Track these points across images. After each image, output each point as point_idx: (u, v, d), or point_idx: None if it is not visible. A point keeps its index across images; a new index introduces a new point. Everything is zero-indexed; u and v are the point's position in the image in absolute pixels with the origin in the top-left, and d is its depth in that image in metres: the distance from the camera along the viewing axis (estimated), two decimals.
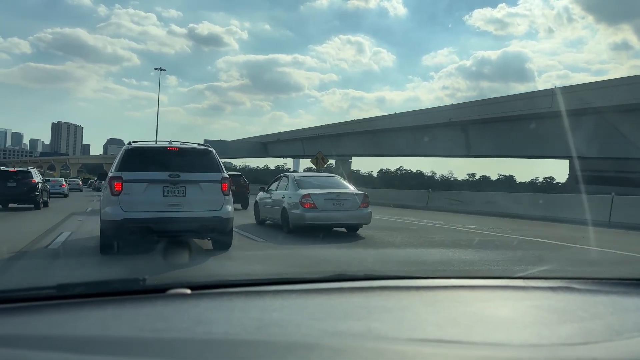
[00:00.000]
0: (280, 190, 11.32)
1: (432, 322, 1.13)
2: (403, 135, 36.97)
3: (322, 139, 46.78)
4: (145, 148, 7.59)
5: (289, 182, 11.10)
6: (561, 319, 1.19)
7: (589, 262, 7.69)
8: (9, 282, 5.52)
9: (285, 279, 1.49)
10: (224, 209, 7.33)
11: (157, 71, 52.68)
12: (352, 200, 10.35)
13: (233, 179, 18.77)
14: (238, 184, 19.22)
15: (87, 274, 5.97)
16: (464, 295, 1.40)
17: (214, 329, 1.03)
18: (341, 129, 45.84)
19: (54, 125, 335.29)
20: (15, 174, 18.13)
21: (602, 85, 23.78)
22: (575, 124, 23.02)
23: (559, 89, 25.21)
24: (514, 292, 1.46)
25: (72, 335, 0.98)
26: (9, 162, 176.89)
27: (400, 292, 1.37)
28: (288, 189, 10.86)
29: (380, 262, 7.33)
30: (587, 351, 0.94)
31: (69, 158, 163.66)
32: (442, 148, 34.67)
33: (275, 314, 1.13)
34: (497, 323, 1.17)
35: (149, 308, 1.16)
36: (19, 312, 1.10)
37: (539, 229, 12.46)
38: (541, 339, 1.02)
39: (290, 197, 10.51)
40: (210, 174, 7.39)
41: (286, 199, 10.60)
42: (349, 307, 1.23)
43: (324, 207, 10.04)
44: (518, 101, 27.83)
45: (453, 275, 1.63)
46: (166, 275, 5.37)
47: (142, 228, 6.95)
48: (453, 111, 32.69)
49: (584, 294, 1.41)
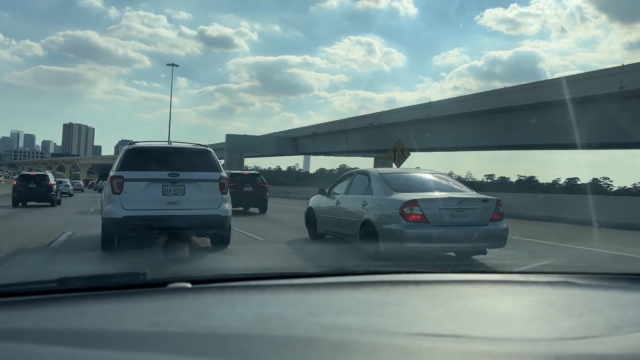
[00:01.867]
0: (357, 194, 8.02)
1: (431, 317, 1.13)
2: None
3: (375, 130, 38.44)
4: (145, 148, 7.77)
5: (372, 181, 7.69)
6: (561, 313, 1.19)
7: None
8: (10, 276, 5.54)
9: (285, 273, 1.49)
10: (222, 207, 7.51)
11: (168, 73, 53.02)
12: (480, 209, 6.81)
13: (250, 178, 17.75)
14: (255, 184, 17.60)
15: (88, 268, 6.00)
16: (463, 290, 1.40)
17: (214, 322, 1.03)
18: (400, 116, 36.01)
19: (65, 127, 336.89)
20: (35, 177, 21.62)
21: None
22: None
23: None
24: (513, 286, 1.46)
25: (73, 329, 0.98)
26: (18, 163, 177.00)
27: (400, 287, 1.37)
28: (373, 192, 7.50)
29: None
30: (587, 346, 0.94)
31: (78, 158, 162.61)
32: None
33: (275, 309, 1.14)
34: (496, 318, 1.17)
35: (149, 302, 1.16)
36: (19, 306, 1.10)
37: None
38: (541, 334, 1.02)
39: (380, 204, 7.16)
40: (209, 173, 7.62)
41: (371, 207, 7.30)
42: (348, 301, 1.23)
43: (440, 220, 6.60)
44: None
45: (452, 270, 1.63)
46: (167, 269, 5.39)
47: (142, 225, 7.13)
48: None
49: (583, 288, 1.41)
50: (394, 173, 8.18)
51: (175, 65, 53.15)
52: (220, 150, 66.15)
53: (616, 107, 22.32)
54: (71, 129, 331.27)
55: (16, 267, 6.10)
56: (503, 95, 28.12)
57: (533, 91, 26.08)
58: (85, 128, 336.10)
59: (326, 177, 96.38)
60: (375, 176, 7.74)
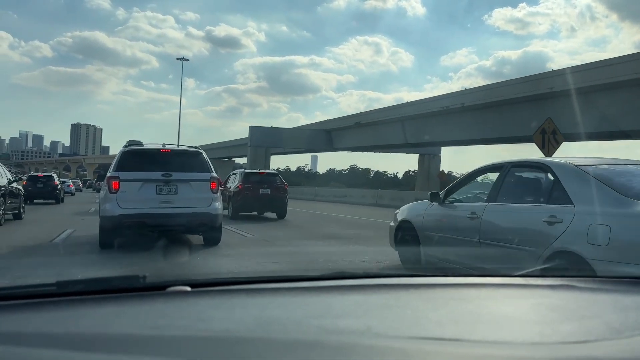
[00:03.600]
0: (520, 201, 4.93)
1: (432, 320, 1.13)
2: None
3: (455, 116, 30.09)
4: (140, 150, 8.24)
5: (566, 179, 4.36)
6: (561, 317, 1.19)
7: None
8: (9, 278, 5.53)
9: (285, 276, 1.49)
10: (212, 206, 7.95)
11: (176, 74, 52.84)
12: None
13: (267, 179, 15.99)
14: (274, 185, 15.71)
15: (87, 271, 6.00)
16: (463, 293, 1.40)
17: (214, 326, 1.03)
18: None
19: (73, 127, 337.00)
20: (42, 178, 24.38)
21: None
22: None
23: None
24: (514, 290, 1.46)
25: (72, 332, 0.97)
26: (24, 162, 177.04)
27: (400, 290, 1.36)
28: (572, 198, 4.19)
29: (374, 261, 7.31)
30: (588, 350, 0.94)
31: (85, 158, 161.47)
32: None
33: (275, 312, 1.13)
34: (497, 321, 1.17)
35: (149, 305, 1.16)
36: (18, 309, 1.10)
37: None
38: (542, 338, 1.02)
39: (604, 220, 3.86)
40: (200, 173, 8.10)
41: (574, 227, 4.02)
42: (349, 305, 1.23)
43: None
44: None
45: (452, 273, 1.63)
46: (166, 272, 5.36)
47: (137, 223, 7.53)
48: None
49: (584, 292, 1.41)
50: (605, 165, 4.51)
51: (185, 59, 50.64)
52: (238, 148, 61.71)
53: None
54: (79, 129, 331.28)
55: (15, 269, 6.10)
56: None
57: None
58: (93, 128, 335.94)
59: (336, 177, 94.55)
60: (572, 171, 4.40)
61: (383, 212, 17.55)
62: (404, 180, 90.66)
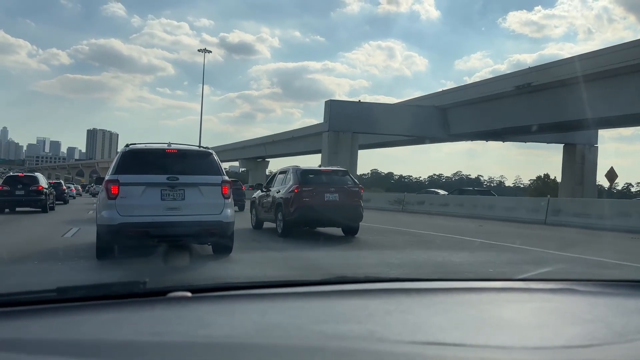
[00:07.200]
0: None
1: (434, 325, 1.12)
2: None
3: None
4: (143, 150, 7.39)
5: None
6: (563, 321, 1.19)
7: None
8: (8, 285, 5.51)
9: (286, 281, 1.48)
10: (224, 213, 7.13)
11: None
12: None
13: (333, 178, 10.93)
14: (343, 189, 10.96)
15: (87, 277, 5.98)
16: (465, 297, 1.39)
17: (214, 332, 1.02)
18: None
19: (89, 133, 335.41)
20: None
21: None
22: None
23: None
24: (515, 294, 1.45)
25: (72, 338, 0.97)
26: (38, 168, 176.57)
27: (402, 295, 1.36)
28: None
29: (373, 266, 7.24)
30: (590, 353, 0.94)
31: (98, 162, 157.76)
32: None
33: (276, 317, 1.13)
34: (499, 325, 1.16)
35: (149, 311, 1.15)
36: (18, 316, 1.09)
37: None
38: (544, 342, 1.02)
39: None
40: (210, 176, 7.19)
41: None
42: (350, 309, 1.22)
43: None
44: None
45: (454, 277, 1.63)
46: (166, 278, 5.35)
47: (139, 233, 6.77)
48: None
49: (586, 295, 1.40)
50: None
51: (208, 51, 45.98)
52: (300, 140, 48.79)
53: None
54: (95, 134, 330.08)
55: (14, 276, 6.08)
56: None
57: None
58: (110, 134, 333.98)
59: (383, 183, 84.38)
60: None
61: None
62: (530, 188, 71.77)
